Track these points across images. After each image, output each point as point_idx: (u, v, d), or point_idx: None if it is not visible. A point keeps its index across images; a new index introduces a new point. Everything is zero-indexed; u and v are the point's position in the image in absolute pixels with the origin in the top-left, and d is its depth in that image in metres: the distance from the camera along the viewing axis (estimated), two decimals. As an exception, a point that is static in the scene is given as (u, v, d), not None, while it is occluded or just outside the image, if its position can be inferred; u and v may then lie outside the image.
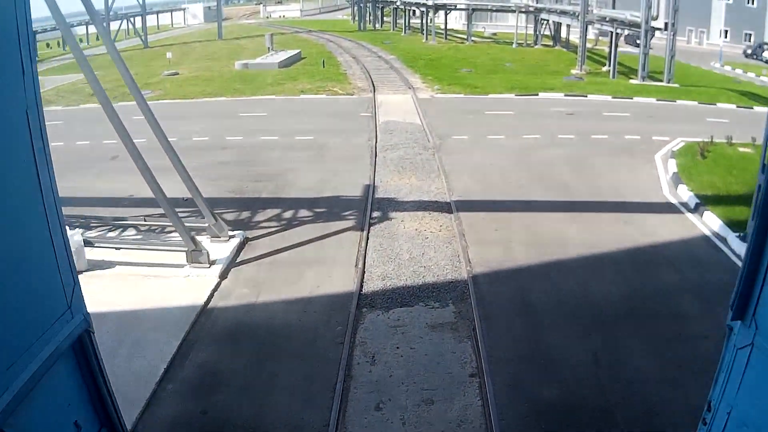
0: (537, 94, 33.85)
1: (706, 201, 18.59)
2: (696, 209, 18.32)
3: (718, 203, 18.40)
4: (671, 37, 40.07)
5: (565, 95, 33.89)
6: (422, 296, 13.32)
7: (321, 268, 14.57)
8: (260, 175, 21.27)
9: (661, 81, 39.48)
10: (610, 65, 49.05)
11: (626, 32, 49.26)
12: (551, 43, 61.95)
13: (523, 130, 26.54)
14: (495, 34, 70.57)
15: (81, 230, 16.16)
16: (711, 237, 16.56)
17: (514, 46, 60.68)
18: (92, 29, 79.31)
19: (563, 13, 55.02)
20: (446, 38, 64.75)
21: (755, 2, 59.85)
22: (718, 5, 64.13)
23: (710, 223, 17.29)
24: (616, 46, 44.19)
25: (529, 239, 16.16)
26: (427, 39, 64.45)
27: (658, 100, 33.55)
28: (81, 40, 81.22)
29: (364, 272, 14.27)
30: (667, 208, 18.75)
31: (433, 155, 23.00)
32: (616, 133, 26.06)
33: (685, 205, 18.78)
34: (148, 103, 33.01)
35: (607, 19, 45.98)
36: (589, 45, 65.19)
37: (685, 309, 12.92)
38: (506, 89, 34.66)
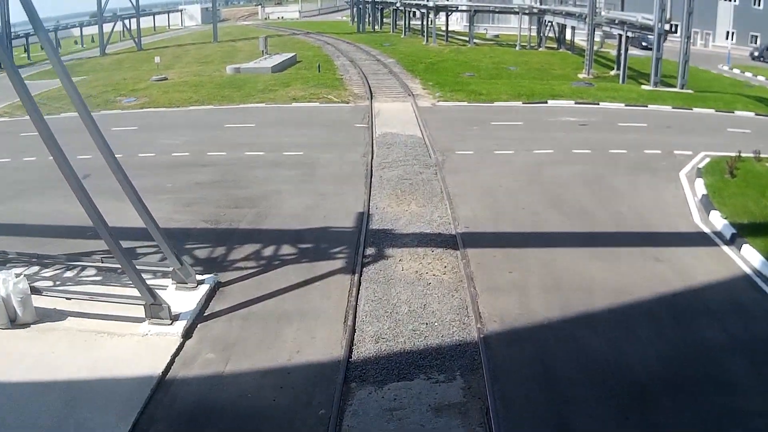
0: (546, 102, 31.36)
1: (742, 230, 16.16)
2: (732, 241, 15.86)
3: (756, 233, 15.98)
4: (685, 41, 37.54)
5: (576, 103, 31.39)
6: (424, 365, 10.84)
7: (303, 325, 12.09)
8: (241, 199, 18.80)
9: (674, 86, 37.01)
10: (618, 69, 46.68)
11: (634, 35, 46.84)
12: (555, 45, 59.45)
13: (533, 143, 24.08)
14: (497, 36, 68.03)
15: (33, 268, 13.80)
16: (753, 276, 14.15)
17: (517, 48, 58.14)
18: (87, 31, 77.33)
19: (569, 14, 52.47)
20: (447, 40, 62.23)
21: (761, 4, 57.62)
22: (724, 7, 61.61)
23: (750, 258, 14.86)
24: (626, 50, 41.66)
25: (548, 283, 13.69)
26: (427, 41, 61.94)
27: (673, 108, 31.15)
28: (76, 42, 79.16)
29: (354, 331, 11.80)
30: (701, 239, 16.29)
31: (436, 174, 20.53)
32: (634, 147, 23.61)
33: (719, 235, 16.34)
34: (132, 111, 30.76)
35: (617, 21, 43.42)
36: (594, 47, 62.75)
37: (734, 374, 10.56)
38: (512, 96, 32.17)
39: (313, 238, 15.98)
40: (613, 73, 46.43)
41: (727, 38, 61.38)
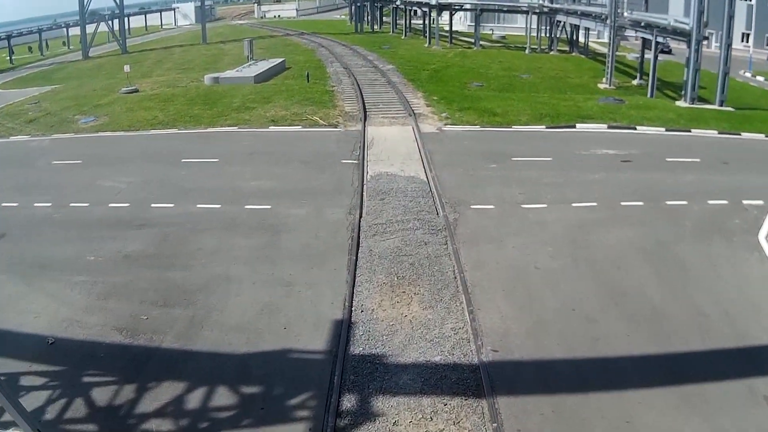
0: (574, 126, 25.35)
1: None
2: None
3: None
4: (725, 49, 31.58)
5: (609, 127, 25.40)
6: None
7: None
8: (174, 289, 12.95)
9: (709, 102, 31.17)
10: (640, 78, 40.77)
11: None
12: (567, 48, 53.35)
13: (569, 190, 18.14)
14: (504, 37, 61.84)
15: None
16: None
17: (527, 51, 52.04)
18: (73, 31, 71.27)
19: (585, 15, 46.31)
20: (451, 42, 56.08)
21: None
22: (740, 7, 55.34)
23: None
24: (656, 57, 35.63)
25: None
26: (429, 43, 55.80)
27: (720, 132, 25.30)
28: (64, 43, 73.08)
29: None
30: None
31: (446, 244, 14.62)
32: (693, 195, 17.82)
33: None
34: (87, 135, 24.76)
35: (643, 24, 37.34)
36: (604, 49, 56.64)
37: None
38: (533, 117, 26.14)
39: (264, 376, 10.16)
40: (635, 82, 40.54)
41: (742, 40, 55.30)
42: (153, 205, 17.65)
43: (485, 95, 31.09)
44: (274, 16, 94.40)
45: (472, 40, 56.16)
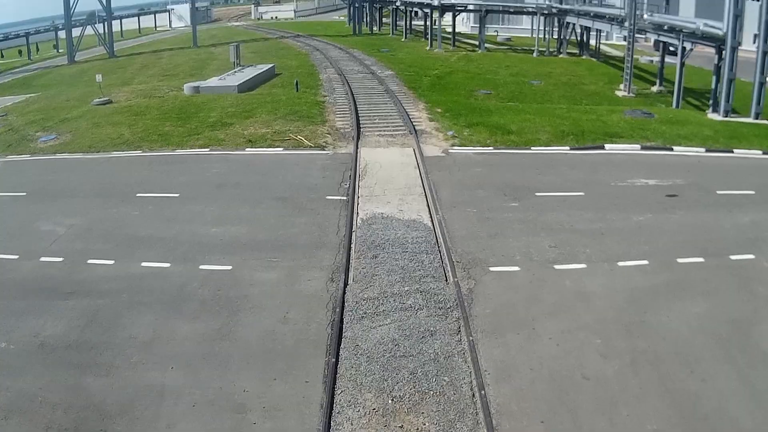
0: (602, 147, 21.11)
1: None
2: None
3: None
4: (762, 57, 27.36)
5: (643, 148, 21.17)
6: None
7: None
8: (90, 409, 8.94)
9: (738, 112, 26.98)
10: (660, 84, 36.53)
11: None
12: (577, 51, 49.07)
13: (612, 241, 13.95)
14: (510, 39, 57.51)
15: None
16: None
17: (534, 55, 47.76)
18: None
19: (598, 16, 41.99)
20: (454, 45, 51.79)
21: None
22: (751, 7, 50.78)
23: None
24: (682, 65, 31.34)
25: None
26: (431, 46, 51.54)
27: (764, 153, 21.08)
28: (55, 46, 68.86)
29: None
30: None
31: (459, 336, 10.43)
32: (759, 245, 13.75)
33: None
34: (42, 157, 20.44)
35: (666, 27, 33.05)
36: (615, 52, 52.41)
37: None
38: (554, 136, 21.88)
39: None
40: (655, 89, 36.33)
41: (754, 42, 50.87)
42: (90, 261, 13.53)
43: (496, 107, 26.81)
44: (271, 18, 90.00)
45: (476, 43, 51.92)
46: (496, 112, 25.64)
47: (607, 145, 21.20)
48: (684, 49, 31.12)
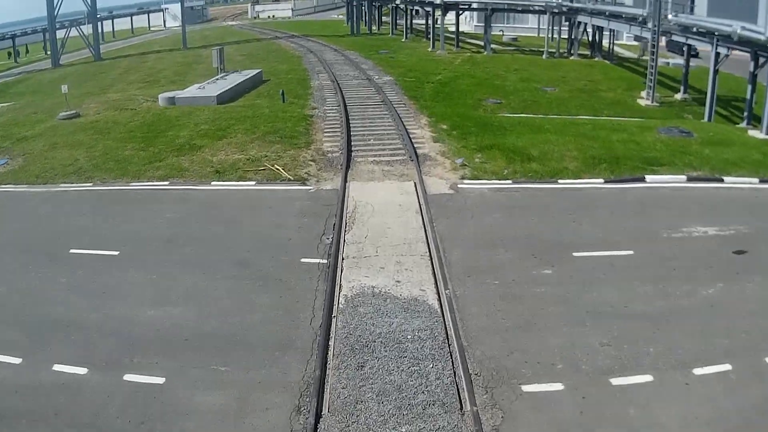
0: (643, 179, 16.94)
1: None
2: None
3: None
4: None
5: (689, 179, 17.02)
6: None
7: None
8: None
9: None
10: (685, 92, 32.40)
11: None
12: (588, 52, 44.85)
13: (679, 332, 9.93)
14: (516, 39, 53.24)
15: None
16: None
17: (544, 56, 43.52)
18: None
19: (614, 16, 37.70)
20: (458, 46, 47.55)
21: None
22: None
23: None
24: (716, 72, 27.16)
25: None
26: (433, 47, 47.32)
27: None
28: (44, 48, 64.68)
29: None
30: None
31: None
32: None
33: None
34: None
35: (694, 29, 28.80)
36: (627, 53, 48.16)
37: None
38: (584, 164, 17.70)
39: None
40: (679, 96, 32.20)
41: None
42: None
43: (510, 123, 22.59)
44: (268, 17, 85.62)
45: (481, 43, 47.70)
46: (511, 129, 21.47)
47: (648, 177, 17.04)
48: (718, 54, 26.92)
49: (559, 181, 16.63)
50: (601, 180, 16.76)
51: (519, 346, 9.54)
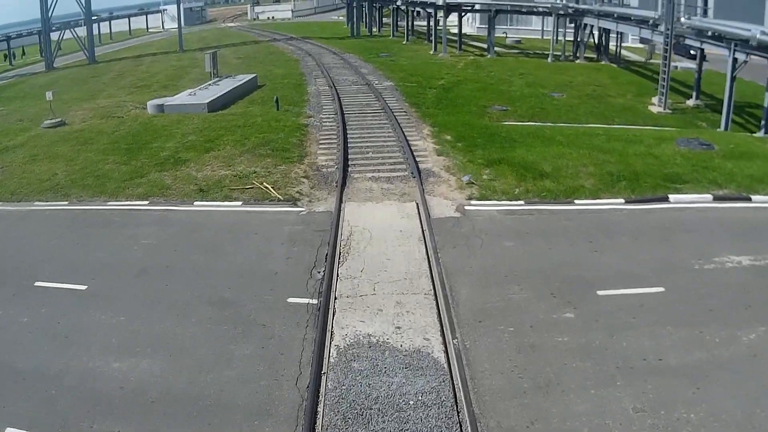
0: (666, 199, 15.38)
1: None
2: None
3: None
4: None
5: (715, 199, 15.47)
6: None
7: None
8: None
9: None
10: (697, 98, 30.86)
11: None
12: (593, 54, 43.32)
13: (722, 391, 8.37)
14: (519, 41, 51.71)
15: None
16: None
17: (549, 60, 41.98)
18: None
19: (623, 18, 36.16)
20: (460, 48, 46.03)
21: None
22: None
23: None
24: (734, 78, 25.65)
25: None
26: (435, 50, 45.78)
27: None
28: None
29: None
30: None
31: None
32: None
33: None
34: None
35: (709, 33, 27.28)
36: (634, 56, 46.60)
37: None
38: (601, 181, 16.14)
39: None
40: (691, 102, 30.69)
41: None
42: None
43: (519, 134, 21.05)
44: (268, 18, 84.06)
45: (484, 46, 46.19)
46: (520, 141, 19.92)
47: (671, 196, 15.48)
48: (735, 60, 25.40)
49: (576, 201, 15.08)
50: (622, 200, 15.22)
51: (540, 413, 8.02)
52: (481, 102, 28.31)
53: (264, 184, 15.85)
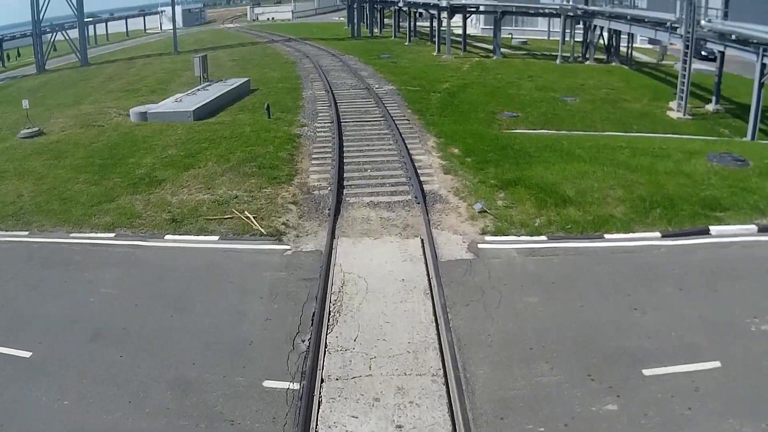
0: (706, 231, 13.00)
1: None
2: None
3: None
4: None
5: (760, 230, 13.09)
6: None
7: None
8: None
9: None
10: (717, 102, 28.47)
11: (730, 51, 28.80)
12: (603, 56, 40.89)
13: None
14: (525, 42, 49.24)
15: None
16: None
17: (558, 61, 39.56)
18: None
19: (636, 20, 33.68)
20: (465, 50, 43.58)
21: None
22: None
23: None
24: (761, 86, 23.31)
25: None
26: (439, 51, 43.36)
27: None
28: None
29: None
30: None
31: None
32: None
33: None
34: None
35: (733, 37, 24.87)
36: (644, 57, 44.10)
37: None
38: (631, 206, 13.76)
39: None
40: (710, 107, 28.31)
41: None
42: None
43: (533, 145, 18.68)
44: (268, 19, 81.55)
45: (489, 47, 43.79)
46: (536, 156, 17.55)
47: (712, 228, 13.11)
48: (764, 66, 23.01)
49: (606, 235, 12.72)
50: (657, 234, 12.86)
51: None
52: (489, 108, 25.96)
53: (245, 213, 13.52)
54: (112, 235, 13.55)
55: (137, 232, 13.54)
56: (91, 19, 62.78)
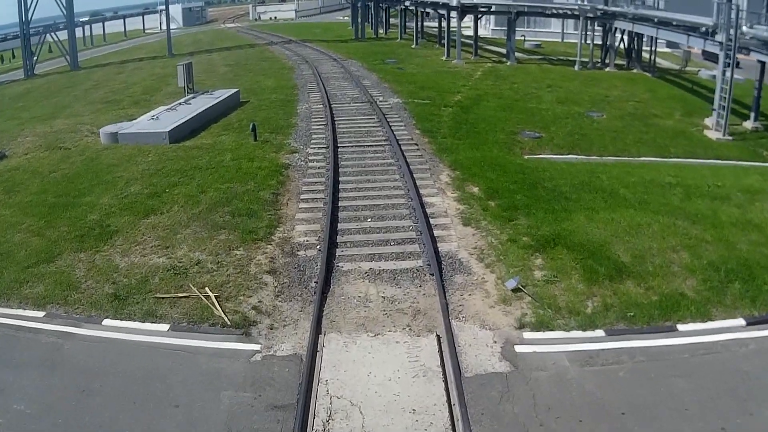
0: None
1: None
2: None
3: None
4: None
5: None
6: None
7: None
8: None
9: None
10: (756, 119, 24.99)
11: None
12: (623, 61, 37.42)
13: None
14: (539, 45, 45.77)
15: None
16: None
17: (576, 68, 36.10)
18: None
19: (664, 23, 30.15)
20: (476, 54, 40.15)
21: None
22: None
23: None
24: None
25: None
26: (448, 55, 39.91)
27: None
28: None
29: None
30: None
31: None
32: None
33: None
34: None
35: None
36: (665, 62, 40.60)
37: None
38: (705, 281, 10.43)
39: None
40: (749, 125, 24.80)
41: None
42: None
43: (567, 183, 15.32)
44: (270, 18, 78.13)
45: (501, 50, 40.41)
46: (574, 199, 14.21)
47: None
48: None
49: (679, 326, 9.42)
50: (741, 321, 9.56)
51: None
52: (508, 126, 22.62)
53: (206, 291, 10.23)
54: (41, 314, 10.31)
55: (71, 311, 10.30)
56: (86, 19, 59.72)
